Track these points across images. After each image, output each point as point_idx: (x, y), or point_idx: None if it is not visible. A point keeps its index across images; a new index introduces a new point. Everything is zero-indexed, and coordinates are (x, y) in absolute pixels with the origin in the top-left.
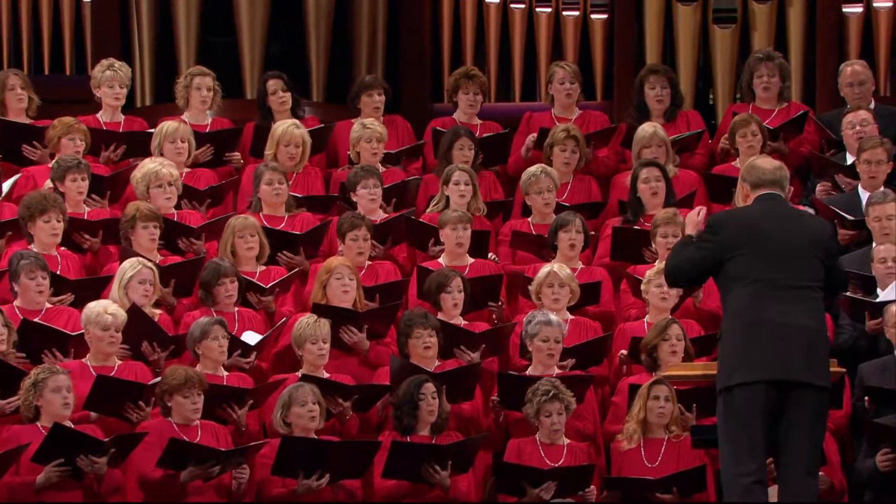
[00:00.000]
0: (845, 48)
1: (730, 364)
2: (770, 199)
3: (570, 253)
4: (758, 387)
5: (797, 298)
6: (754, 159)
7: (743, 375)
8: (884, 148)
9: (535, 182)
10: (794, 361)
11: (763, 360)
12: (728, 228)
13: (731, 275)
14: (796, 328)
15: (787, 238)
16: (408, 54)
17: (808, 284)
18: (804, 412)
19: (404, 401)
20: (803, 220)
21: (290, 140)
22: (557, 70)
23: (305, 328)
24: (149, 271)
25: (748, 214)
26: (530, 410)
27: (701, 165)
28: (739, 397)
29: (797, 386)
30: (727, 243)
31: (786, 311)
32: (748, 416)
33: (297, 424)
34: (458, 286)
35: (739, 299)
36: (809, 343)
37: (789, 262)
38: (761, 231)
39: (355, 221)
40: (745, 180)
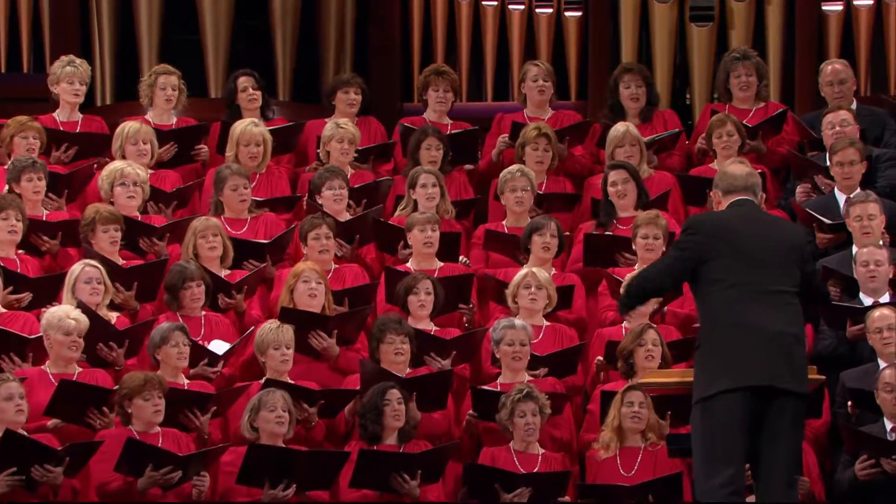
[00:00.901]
0: (825, 47)
1: (710, 374)
2: (743, 204)
3: (545, 256)
4: (738, 394)
5: (776, 304)
6: (726, 165)
7: (724, 383)
8: (855, 148)
9: (511, 180)
10: (776, 368)
11: (744, 367)
12: (706, 229)
13: (708, 277)
14: (777, 334)
15: (765, 242)
16: (377, 52)
17: (786, 289)
18: (784, 420)
19: (368, 407)
20: (779, 224)
21: (250, 139)
22: (531, 68)
23: (268, 334)
24: (93, 270)
25: (725, 217)
26: (504, 415)
27: (678, 166)
28: (719, 405)
29: (779, 393)
30: (706, 244)
31: (766, 316)
32: (727, 424)
33: (265, 430)
34: (427, 288)
35: (718, 304)
36: (790, 349)
37: (768, 266)
38: (739, 234)
39: (315, 221)
40: (717, 187)
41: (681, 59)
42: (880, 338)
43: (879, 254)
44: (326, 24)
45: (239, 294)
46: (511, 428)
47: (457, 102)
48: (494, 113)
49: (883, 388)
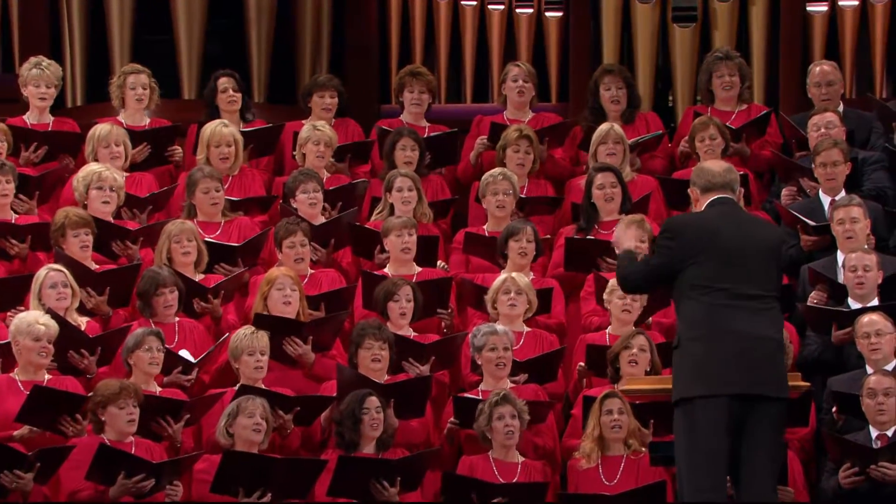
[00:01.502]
0: (809, 48)
1: (689, 374)
2: (724, 203)
3: (521, 261)
4: (720, 400)
5: (757, 308)
6: (703, 162)
7: (704, 387)
8: (839, 148)
9: (493, 183)
10: (758, 374)
11: (725, 372)
12: (686, 233)
13: (688, 282)
14: (758, 339)
15: (746, 245)
16: (354, 53)
17: (766, 293)
18: (766, 426)
19: (346, 415)
20: (759, 225)
21: (220, 140)
22: (512, 68)
23: (242, 339)
24: (58, 274)
25: (705, 219)
26: (482, 422)
27: (660, 169)
28: (701, 411)
29: (760, 399)
30: (686, 249)
31: (747, 321)
32: (709, 430)
33: (241, 436)
34: (407, 295)
35: (698, 308)
36: (771, 354)
37: (748, 269)
38: (719, 237)
39: (290, 227)
40: (695, 184)
41: (663, 60)
42: (868, 343)
43: (868, 259)
44: (302, 23)
45: (216, 298)
46: (490, 435)
47: (435, 104)
48: (473, 115)
49: (867, 395)
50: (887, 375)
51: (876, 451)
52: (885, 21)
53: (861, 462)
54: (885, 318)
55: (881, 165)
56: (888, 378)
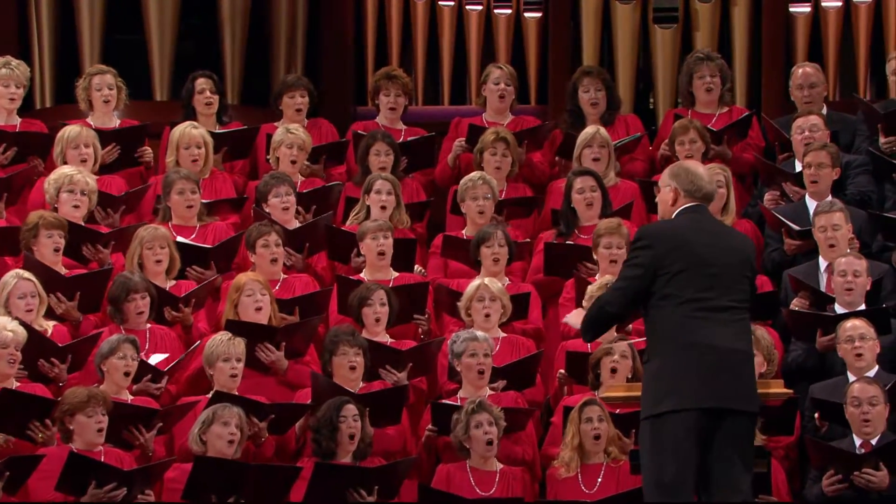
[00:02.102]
0: (792, 50)
1: (659, 390)
2: (698, 211)
3: (495, 268)
4: (689, 414)
5: (729, 320)
6: (689, 163)
7: (674, 402)
8: (827, 152)
9: (472, 188)
10: (728, 388)
11: (696, 386)
12: (662, 241)
13: (660, 292)
14: (728, 352)
15: (719, 255)
16: (329, 54)
17: (738, 305)
18: (736, 440)
19: (323, 423)
20: (731, 235)
21: (190, 141)
22: (493, 70)
23: (218, 345)
24: (27, 284)
25: (678, 227)
26: (459, 430)
27: (640, 172)
28: (669, 425)
29: (729, 413)
30: (660, 258)
31: (717, 333)
32: (678, 445)
33: (214, 445)
34: (381, 300)
35: (670, 320)
36: (741, 368)
37: (721, 280)
38: (694, 246)
39: (263, 229)
40: (679, 183)
41: (644, 61)
42: (851, 348)
43: (858, 264)
44: (277, 23)
45: (187, 307)
46: (467, 444)
47: (412, 106)
48: (451, 117)
49: (851, 403)
50: (872, 384)
51: (859, 458)
52: (869, 22)
53: (844, 469)
54: (867, 324)
55: (865, 169)
56: (873, 386)
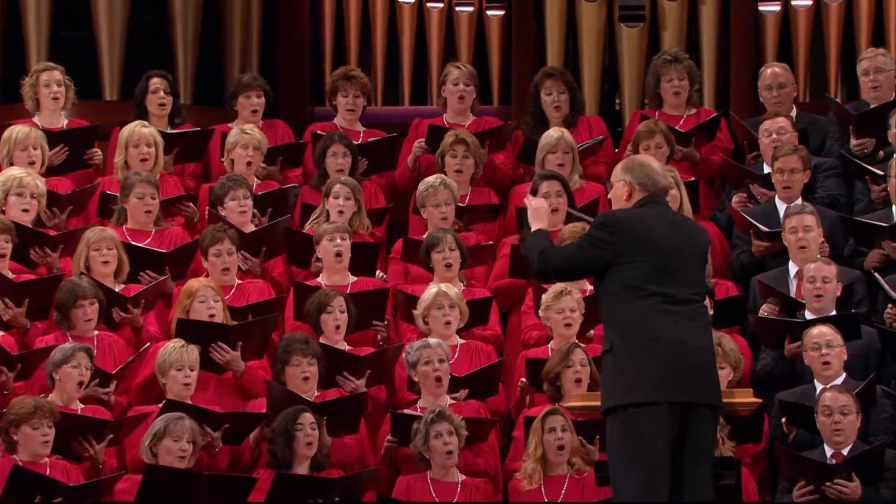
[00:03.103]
0: (762, 50)
1: (627, 381)
2: (657, 202)
3: (448, 273)
4: (661, 408)
5: (692, 314)
6: (646, 158)
7: (644, 395)
8: (798, 155)
9: (433, 194)
10: (694, 381)
11: (665, 380)
12: (625, 230)
13: (624, 283)
14: (694, 348)
15: (681, 248)
16: (285, 52)
17: (699, 297)
18: (704, 435)
19: (279, 433)
20: (691, 227)
21: (140, 140)
22: (452, 70)
23: (171, 353)
24: None
25: (641, 216)
26: (419, 441)
27: (605, 175)
28: (641, 419)
29: (697, 407)
30: (624, 246)
31: (683, 328)
32: (652, 440)
33: (165, 459)
34: (341, 306)
35: (634, 312)
36: (706, 362)
37: (683, 273)
38: (657, 237)
39: (217, 234)
40: (633, 177)
41: (610, 61)
42: (818, 356)
43: (828, 270)
44: (231, 20)
45: (136, 308)
46: (427, 455)
47: (371, 107)
48: (412, 118)
49: (822, 412)
50: (843, 392)
51: (831, 468)
52: (840, 21)
53: (816, 479)
54: (834, 331)
55: (835, 172)
56: (844, 395)
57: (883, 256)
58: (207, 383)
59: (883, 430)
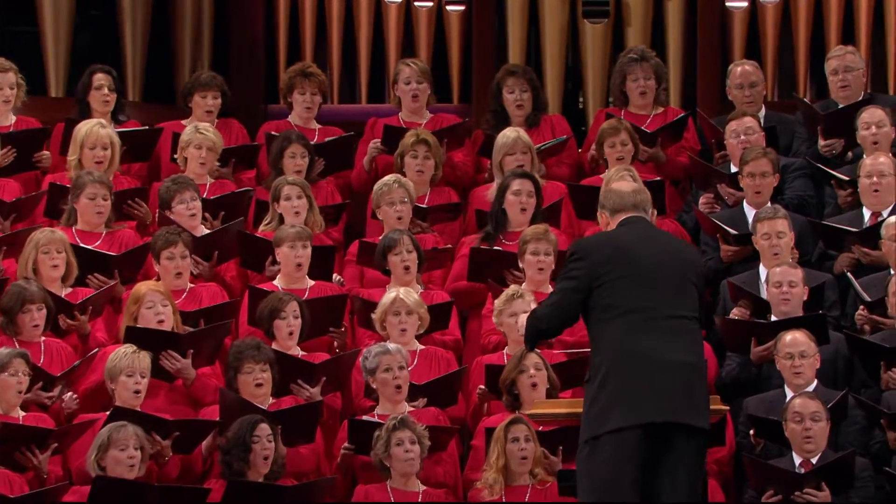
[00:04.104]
0: (729, 47)
1: (601, 411)
2: (634, 221)
3: (407, 276)
4: (631, 432)
5: (674, 331)
6: (611, 183)
7: (616, 422)
8: (768, 159)
9: (388, 192)
10: (673, 402)
11: (638, 401)
12: (597, 252)
13: (601, 303)
14: (675, 365)
15: (661, 263)
16: (238, 48)
17: (684, 314)
18: (683, 458)
19: (235, 443)
20: (672, 241)
21: (96, 142)
22: (403, 68)
23: (122, 359)
24: None
25: (614, 235)
26: (379, 448)
27: (567, 176)
28: (611, 444)
29: (676, 429)
30: (597, 268)
31: (662, 345)
32: (620, 464)
33: (114, 471)
34: (294, 311)
35: (611, 333)
36: (689, 381)
37: (665, 290)
38: (633, 255)
39: (170, 238)
40: (604, 206)
41: (573, 58)
42: (791, 365)
43: (793, 274)
44: (182, 15)
45: (83, 315)
46: (388, 463)
47: (327, 105)
48: (369, 116)
49: (792, 419)
50: (813, 399)
51: (801, 477)
52: (809, 18)
53: (785, 488)
54: (808, 338)
55: (803, 173)
56: (815, 402)
57: (853, 260)
58: (157, 391)
59: (854, 443)
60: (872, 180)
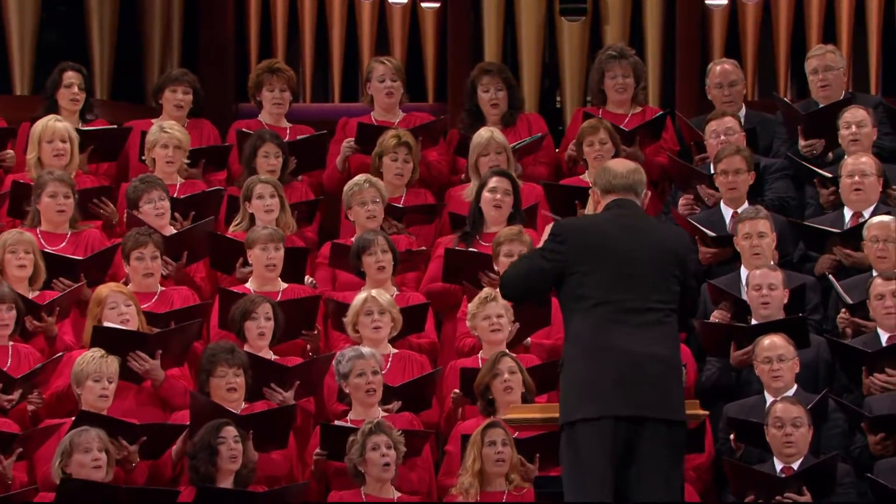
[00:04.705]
0: (708, 46)
1: (573, 396)
2: (622, 205)
3: (381, 276)
4: (604, 423)
5: (648, 323)
6: (608, 162)
7: (587, 410)
8: (741, 156)
9: (359, 192)
10: (645, 394)
11: (610, 393)
12: (576, 238)
13: (574, 293)
14: (646, 357)
15: (639, 252)
16: (208, 46)
17: (660, 306)
18: (658, 452)
19: (201, 447)
20: (659, 230)
21: (54, 135)
22: (376, 66)
23: (89, 363)
24: None
25: (597, 223)
26: (354, 453)
27: (545, 175)
28: (583, 436)
29: (648, 422)
30: (576, 255)
31: (634, 337)
32: (593, 457)
33: (79, 475)
34: (266, 314)
35: (583, 323)
36: (662, 373)
37: (641, 280)
38: (611, 244)
39: (140, 238)
40: (596, 184)
41: (550, 57)
42: (769, 369)
43: (773, 276)
44: (150, 11)
45: (50, 317)
46: (363, 468)
47: (299, 104)
48: (342, 115)
49: (773, 424)
50: (795, 404)
51: (782, 482)
52: (790, 16)
53: (766, 493)
54: (787, 342)
55: (784, 174)
56: (796, 407)
57: (834, 262)
58: (126, 393)
59: (835, 446)
60: (854, 180)
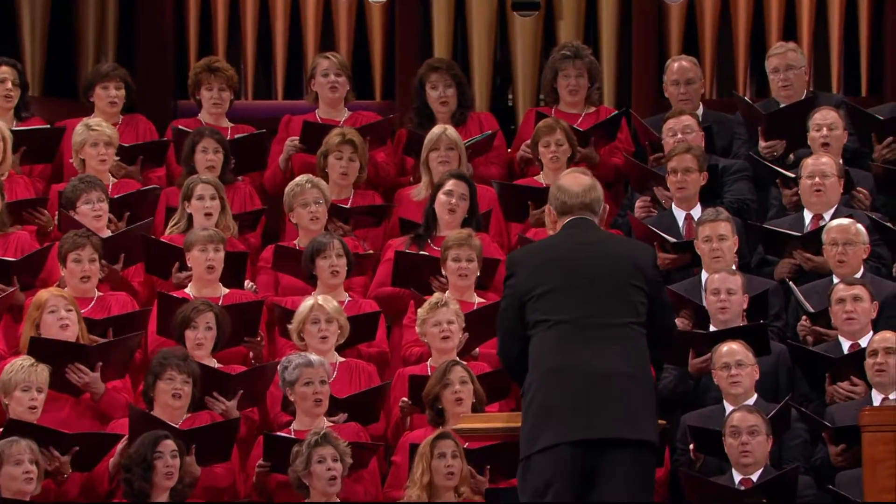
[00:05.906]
0: (665, 43)
1: (532, 427)
2: (577, 225)
3: (334, 281)
4: (560, 450)
5: (608, 339)
6: (562, 178)
7: (544, 439)
8: (692, 154)
9: (301, 193)
10: (603, 415)
11: (568, 417)
12: (524, 266)
13: (532, 319)
14: (607, 374)
15: (596, 268)
16: (146, 41)
17: (622, 321)
18: (621, 476)
19: (136, 460)
20: (617, 244)
21: None
22: (321, 61)
23: (18, 372)
24: None
25: (549, 245)
26: (299, 465)
27: (496, 176)
28: (540, 465)
29: (609, 444)
30: (524, 283)
31: (594, 355)
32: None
33: (9, 488)
34: (207, 323)
35: (542, 346)
36: (623, 390)
37: (599, 295)
38: (564, 263)
39: (78, 240)
40: (551, 205)
41: (502, 53)
42: (727, 375)
43: (732, 281)
44: (84, 4)
45: None
46: (307, 481)
47: (241, 101)
48: (285, 113)
49: (730, 434)
50: (752, 412)
51: (741, 494)
52: (749, 13)
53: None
54: (745, 348)
55: (743, 175)
56: (754, 415)
57: (794, 266)
58: (62, 404)
59: (797, 457)
60: (815, 181)
